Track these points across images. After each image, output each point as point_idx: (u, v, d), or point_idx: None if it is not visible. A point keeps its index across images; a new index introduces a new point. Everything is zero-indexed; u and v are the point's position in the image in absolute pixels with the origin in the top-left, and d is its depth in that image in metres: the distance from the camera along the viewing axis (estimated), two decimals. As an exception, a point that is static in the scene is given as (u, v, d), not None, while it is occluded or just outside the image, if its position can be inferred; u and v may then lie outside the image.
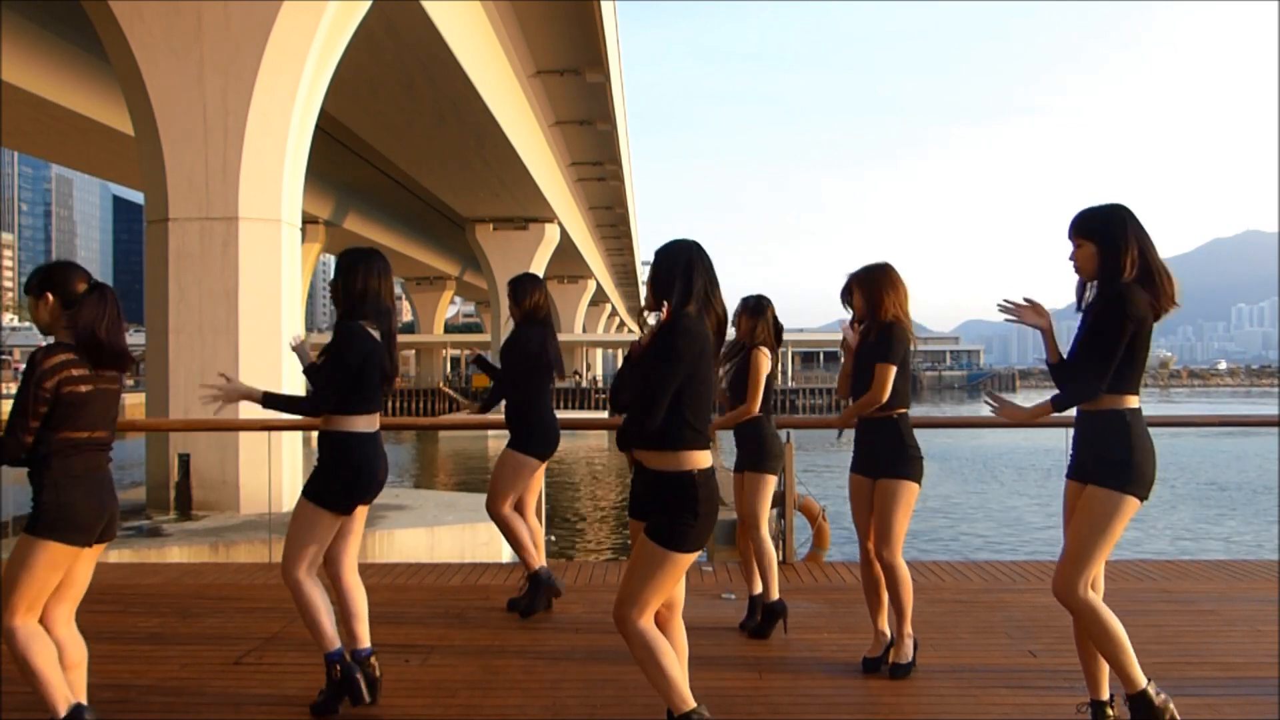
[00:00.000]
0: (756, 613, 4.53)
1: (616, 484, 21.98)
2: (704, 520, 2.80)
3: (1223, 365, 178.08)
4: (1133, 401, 3.06)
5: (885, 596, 3.96)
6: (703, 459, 2.82)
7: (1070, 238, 3.12)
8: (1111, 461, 3.01)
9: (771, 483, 4.59)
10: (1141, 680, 3.03)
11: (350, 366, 3.43)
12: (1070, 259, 3.12)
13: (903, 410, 3.96)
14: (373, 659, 3.56)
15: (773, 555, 4.49)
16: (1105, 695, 3.17)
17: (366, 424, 3.52)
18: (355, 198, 37.70)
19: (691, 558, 2.85)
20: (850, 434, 4.09)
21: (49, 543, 2.88)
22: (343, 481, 3.47)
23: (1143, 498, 3.03)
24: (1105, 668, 3.13)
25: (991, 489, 20.88)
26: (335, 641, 3.46)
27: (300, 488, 3.56)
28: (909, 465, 3.88)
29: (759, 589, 4.56)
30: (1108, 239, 3.03)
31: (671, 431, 2.78)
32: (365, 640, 3.58)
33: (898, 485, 3.85)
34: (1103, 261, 3.03)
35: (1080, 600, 3.03)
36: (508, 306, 5.02)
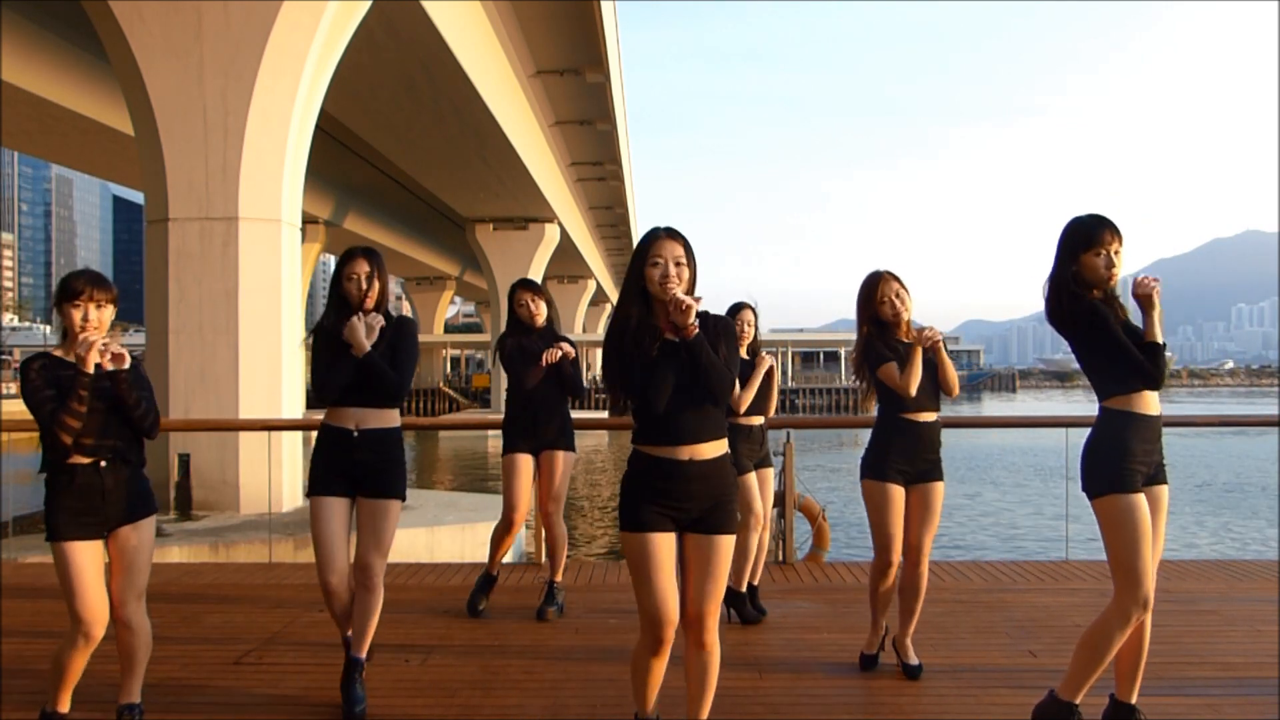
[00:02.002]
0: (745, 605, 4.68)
1: (614, 484, 21.97)
2: None
3: (1230, 365, 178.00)
4: None
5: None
6: None
7: (1115, 240, 3.00)
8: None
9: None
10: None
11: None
12: (1113, 261, 3.00)
13: None
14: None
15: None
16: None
17: None
18: (355, 198, 37.69)
19: None
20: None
21: None
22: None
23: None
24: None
25: (991, 489, 20.90)
26: None
27: (301, 488, 3.59)
28: None
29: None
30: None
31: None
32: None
33: (942, 487, 3.89)
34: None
35: None
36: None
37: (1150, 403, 2.98)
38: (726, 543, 2.75)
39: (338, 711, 3.48)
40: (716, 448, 2.75)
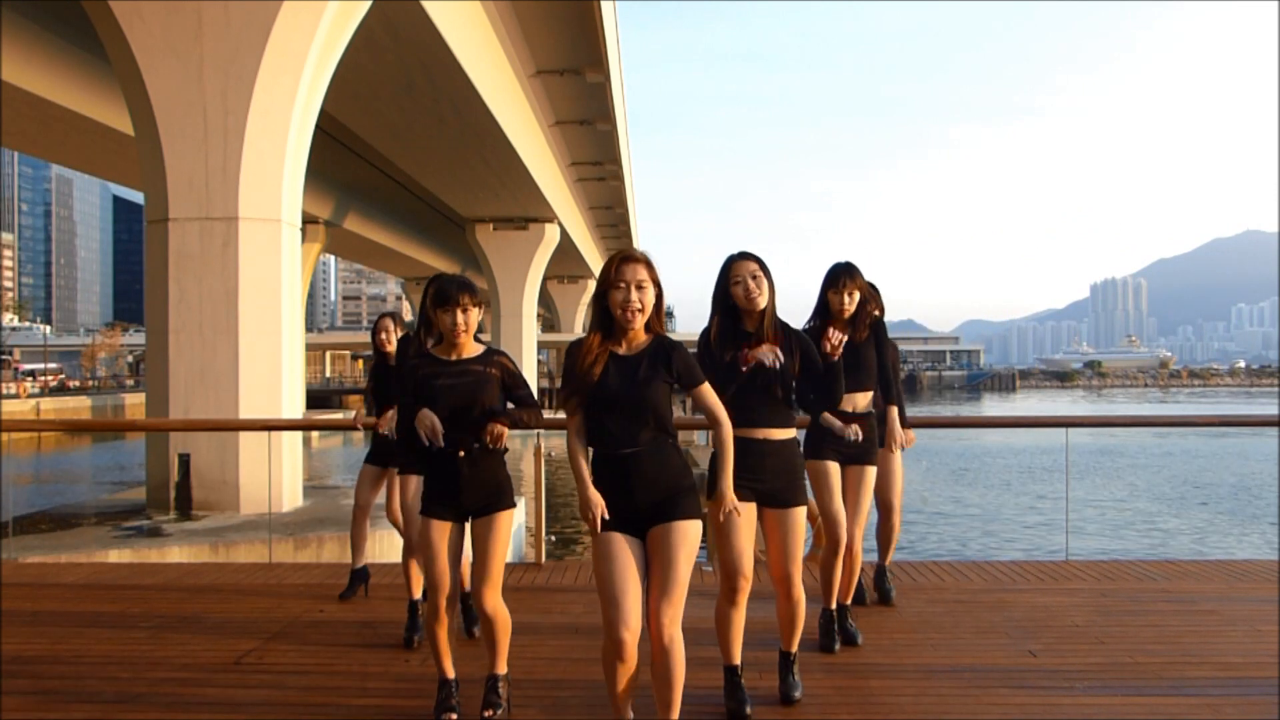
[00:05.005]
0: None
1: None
2: None
3: (1241, 364, 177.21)
4: None
5: None
6: None
7: (850, 283, 4.04)
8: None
9: None
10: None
11: None
12: (847, 301, 4.04)
13: None
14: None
15: None
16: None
17: None
18: (355, 198, 37.69)
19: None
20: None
21: None
22: None
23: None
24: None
25: (990, 489, 20.89)
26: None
27: (300, 489, 3.60)
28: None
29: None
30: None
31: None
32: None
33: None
34: (863, 304, 4.11)
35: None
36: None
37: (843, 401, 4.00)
38: (799, 514, 3.38)
39: (337, 712, 3.48)
40: (785, 433, 3.37)
